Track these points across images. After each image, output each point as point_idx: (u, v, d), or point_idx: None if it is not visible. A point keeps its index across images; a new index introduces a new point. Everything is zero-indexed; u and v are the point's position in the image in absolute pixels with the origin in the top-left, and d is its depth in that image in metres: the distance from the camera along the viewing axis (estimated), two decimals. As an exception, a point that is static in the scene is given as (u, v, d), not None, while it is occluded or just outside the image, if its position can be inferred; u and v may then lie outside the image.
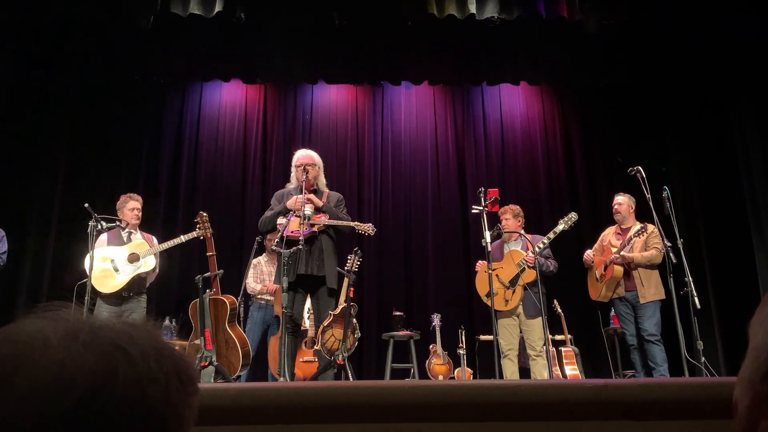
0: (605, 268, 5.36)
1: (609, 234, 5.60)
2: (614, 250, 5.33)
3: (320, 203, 4.48)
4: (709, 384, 2.07)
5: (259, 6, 6.39)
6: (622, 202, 5.51)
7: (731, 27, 6.27)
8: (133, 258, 5.01)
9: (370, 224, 4.49)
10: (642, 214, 5.34)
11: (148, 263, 5.05)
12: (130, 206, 5.22)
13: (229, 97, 7.71)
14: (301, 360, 5.27)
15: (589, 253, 5.56)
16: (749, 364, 0.69)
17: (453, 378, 6.06)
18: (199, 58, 7.15)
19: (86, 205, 4.68)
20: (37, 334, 0.55)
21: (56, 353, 0.53)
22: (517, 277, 5.11)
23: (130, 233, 5.20)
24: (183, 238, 5.04)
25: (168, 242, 5.09)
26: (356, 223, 4.51)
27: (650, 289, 5.22)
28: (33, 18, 6.25)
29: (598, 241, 5.66)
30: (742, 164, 6.21)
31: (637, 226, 5.30)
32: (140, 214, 5.28)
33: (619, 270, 5.29)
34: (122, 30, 6.52)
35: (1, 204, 6.11)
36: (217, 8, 6.15)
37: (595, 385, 1.96)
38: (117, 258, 5.00)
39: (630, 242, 5.27)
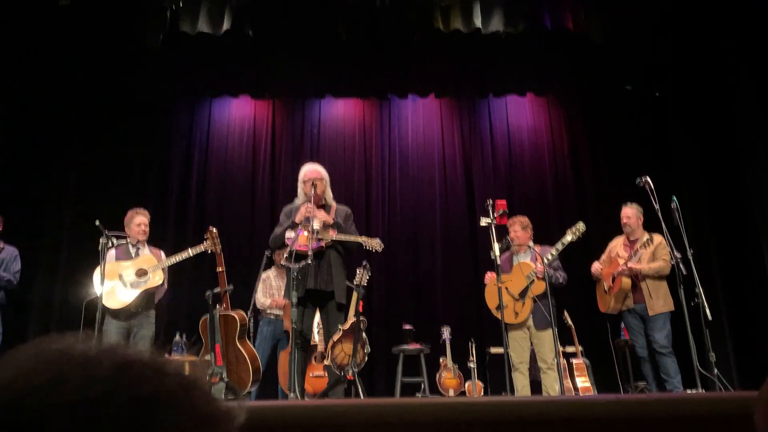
0: (613, 280, 5.33)
1: (617, 245, 5.56)
2: (622, 261, 5.30)
3: (330, 220, 4.48)
4: (723, 399, 2.06)
5: (266, 23, 6.45)
6: (631, 214, 5.45)
7: (737, 33, 6.26)
8: (141, 273, 5.01)
9: (378, 240, 4.48)
10: (650, 225, 5.31)
11: (156, 278, 5.04)
12: (137, 221, 5.19)
13: (238, 113, 7.76)
14: (311, 375, 5.26)
15: (596, 266, 5.52)
16: None
17: (464, 391, 6.04)
18: (208, 75, 7.24)
19: (97, 222, 4.70)
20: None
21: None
22: (526, 289, 5.09)
23: (138, 248, 5.19)
24: (191, 252, 5.03)
25: (176, 256, 5.07)
26: (364, 238, 4.50)
27: (659, 301, 5.18)
28: (43, 36, 6.33)
29: (606, 252, 5.63)
30: (751, 173, 6.16)
31: (645, 237, 5.27)
32: (147, 228, 5.24)
33: (627, 282, 5.25)
34: (132, 48, 6.61)
35: (13, 222, 6.17)
36: (225, 26, 6.22)
37: (606, 401, 1.96)
38: (125, 273, 5.00)
39: (637, 254, 5.24)
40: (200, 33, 6.22)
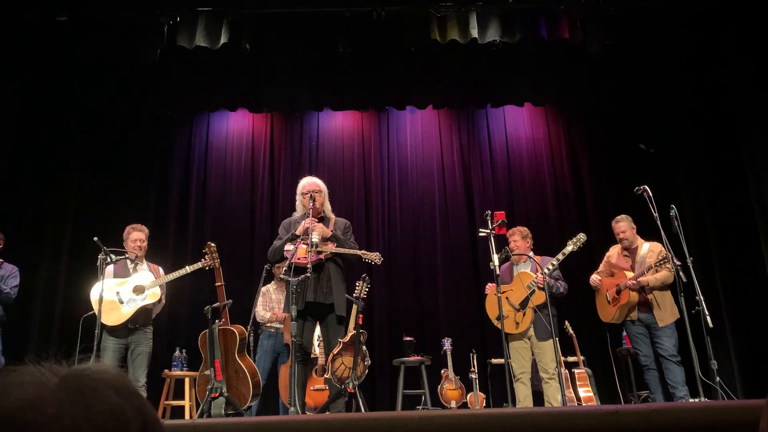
0: (618, 292, 5.30)
1: (614, 255, 5.54)
2: (629, 275, 5.26)
3: (329, 233, 4.48)
4: (723, 408, 2.05)
5: (264, 36, 6.48)
6: (625, 228, 5.44)
7: (739, 38, 6.27)
8: (138, 290, 5.01)
9: (377, 253, 4.47)
10: (650, 233, 5.29)
11: (153, 294, 5.03)
12: (134, 237, 5.20)
13: (236, 127, 7.78)
14: (311, 388, 5.24)
15: (595, 278, 5.49)
16: None
17: (466, 403, 6.01)
18: (206, 89, 7.25)
19: (95, 238, 4.71)
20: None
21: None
22: (527, 299, 5.08)
23: (136, 264, 5.19)
24: (188, 269, 5.03)
25: (173, 273, 5.08)
26: (363, 251, 4.49)
27: (666, 312, 5.16)
28: (43, 53, 6.36)
29: (604, 261, 5.60)
30: (753, 180, 6.15)
31: (645, 245, 5.26)
32: (144, 244, 5.24)
33: (634, 296, 5.23)
34: (130, 63, 6.63)
35: (13, 238, 6.16)
36: (223, 40, 6.24)
37: (606, 411, 1.95)
38: (122, 290, 4.99)
39: (648, 271, 5.20)
40: (198, 47, 6.24)
